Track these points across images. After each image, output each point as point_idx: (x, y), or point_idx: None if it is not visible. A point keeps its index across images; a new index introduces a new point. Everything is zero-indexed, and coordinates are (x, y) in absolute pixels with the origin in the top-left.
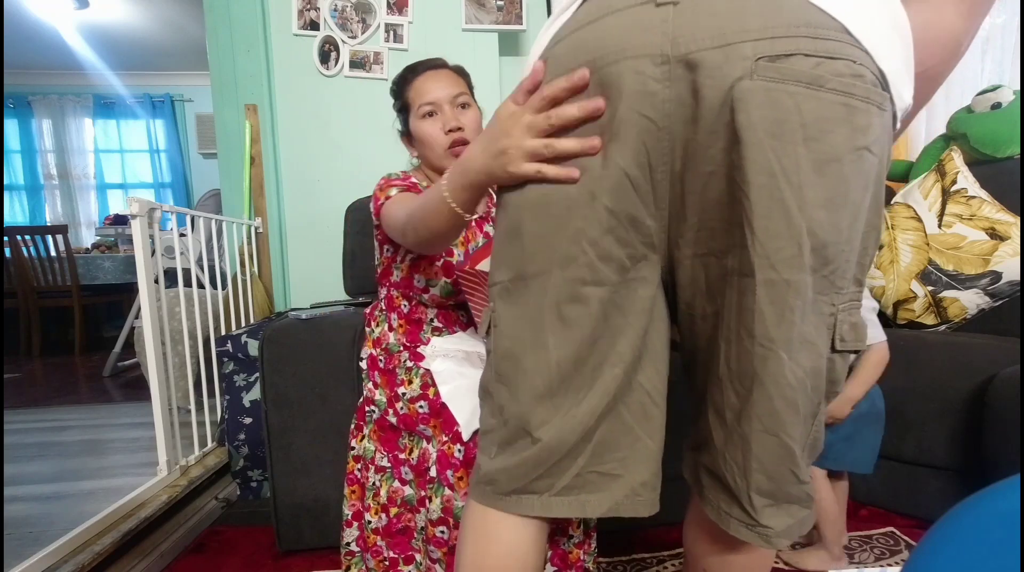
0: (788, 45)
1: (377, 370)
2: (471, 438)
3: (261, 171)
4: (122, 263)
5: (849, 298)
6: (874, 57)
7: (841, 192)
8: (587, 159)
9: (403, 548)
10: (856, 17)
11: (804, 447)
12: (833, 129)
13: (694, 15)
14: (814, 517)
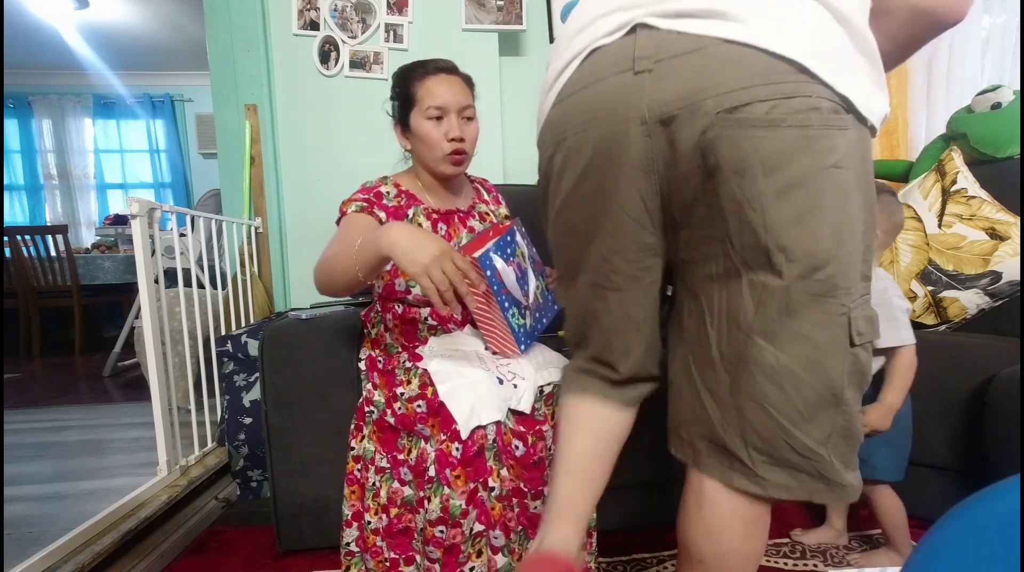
0: (743, 96)
1: (376, 371)
2: (469, 436)
3: (261, 171)
4: (122, 263)
5: (860, 294)
6: (834, 86)
7: (813, 208)
8: (597, 202)
9: (404, 549)
10: (813, 55)
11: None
12: (794, 158)
13: (665, 80)
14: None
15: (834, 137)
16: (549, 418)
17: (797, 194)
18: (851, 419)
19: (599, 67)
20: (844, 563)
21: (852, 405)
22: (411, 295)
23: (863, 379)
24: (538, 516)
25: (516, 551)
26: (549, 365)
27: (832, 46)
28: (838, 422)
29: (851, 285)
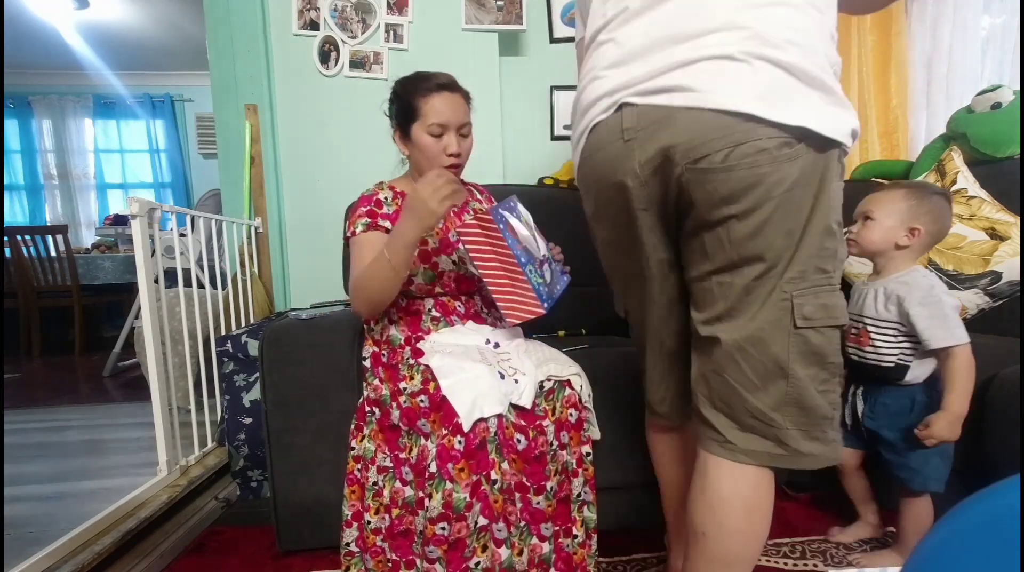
0: (703, 149)
1: (380, 365)
2: (471, 429)
3: (261, 171)
4: (122, 263)
5: (811, 285)
6: (784, 122)
7: (766, 225)
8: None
9: (405, 551)
10: (759, 100)
11: (769, 395)
12: (747, 192)
13: (647, 143)
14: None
15: (783, 169)
16: (549, 413)
17: (753, 217)
18: (803, 392)
19: (601, 137)
20: (844, 563)
21: (805, 380)
22: (413, 285)
23: (819, 359)
24: (540, 511)
25: (517, 545)
26: (549, 361)
27: (778, 89)
28: (789, 393)
29: (798, 277)
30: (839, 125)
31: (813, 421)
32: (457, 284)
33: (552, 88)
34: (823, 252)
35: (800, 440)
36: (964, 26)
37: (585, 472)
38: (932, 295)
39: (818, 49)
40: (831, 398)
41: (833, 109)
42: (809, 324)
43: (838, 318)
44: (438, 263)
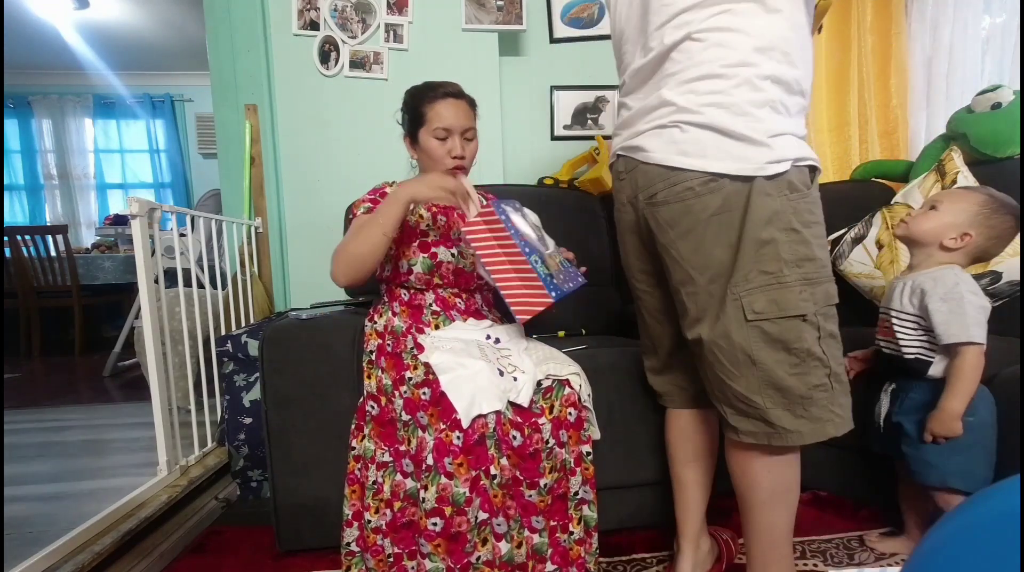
0: (651, 190)
1: (384, 355)
2: (470, 425)
3: (261, 171)
4: (122, 263)
5: (757, 285)
6: (703, 169)
7: (702, 242)
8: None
9: (407, 543)
10: (683, 155)
11: (746, 379)
12: (681, 219)
13: (628, 183)
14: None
15: (705, 200)
16: (546, 411)
17: (691, 237)
18: (773, 375)
19: (613, 173)
20: (844, 563)
21: (771, 365)
22: (412, 275)
23: (783, 345)
24: (532, 504)
25: (515, 538)
26: (549, 360)
27: (696, 144)
28: (761, 377)
29: (742, 280)
30: (746, 164)
31: (792, 401)
32: (455, 277)
33: (552, 88)
34: (761, 257)
35: (786, 419)
36: (964, 26)
37: (584, 471)
38: (955, 291)
39: (737, 104)
40: (807, 380)
41: (745, 151)
42: (760, 317)
43: (788, 310)
44: (437, 254)
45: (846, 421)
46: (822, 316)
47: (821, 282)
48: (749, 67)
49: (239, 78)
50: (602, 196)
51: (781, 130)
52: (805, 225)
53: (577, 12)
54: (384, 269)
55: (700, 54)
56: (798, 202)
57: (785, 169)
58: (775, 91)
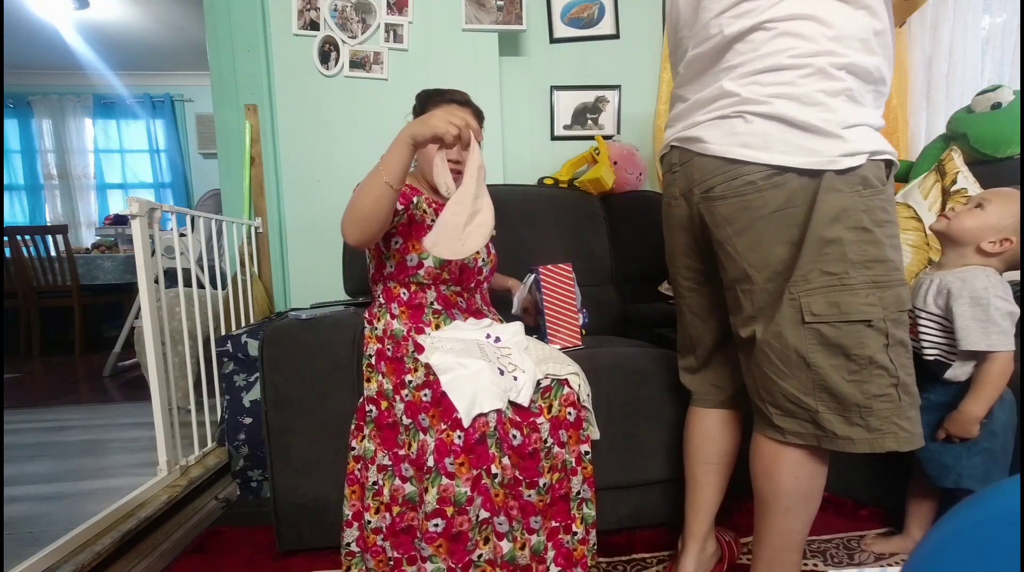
0: (709, 184)
1: (384, 360)
2: (471, 424)
3: (261, 171)
4: (122, 263)
5: (817, 286)
6: (767, 162)
7: (762, 239)
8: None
9: (407, 548)
10: (745, 147)
11: (798, 380)
12: (740, 215)
13: (682, 176)
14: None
15: (768, 195)
16: (545, 411)
17: (749, 233)
18: (828, 380)
19: (664, 166)
20: (844, 563)
21: (828, 369)
22: (423, 269)
23: (842, 351)
24: (531, 504)
25: (518, 539)
26: (548, 360)
27: (761, 136)
28: (815, 380)
29: (801, 280)
30: (816, 158)
31: (847, 407)
32: (461, 273)
33: (552, 88)
34: (824, 257)
35: (837, 424)
36: (964, 26)
37: (584, 470)
38: (983, 295)
39: (807, 94)
40: (865, 389)
41: (815, 144)
42: (819, 320)
43: (850, 314)
44: None
45: (914, 437)
46: (891, 322)
47: (892, 286)
48: (823, 56)
49: (239, 78)
50: (602, 196)
51: (857, 121)
52: (877, 224)
53: (577, 12)
54: (387, 266)
55: (767, 44)
56: (871, 199)
57: (860, 163)
58: (851, 80)
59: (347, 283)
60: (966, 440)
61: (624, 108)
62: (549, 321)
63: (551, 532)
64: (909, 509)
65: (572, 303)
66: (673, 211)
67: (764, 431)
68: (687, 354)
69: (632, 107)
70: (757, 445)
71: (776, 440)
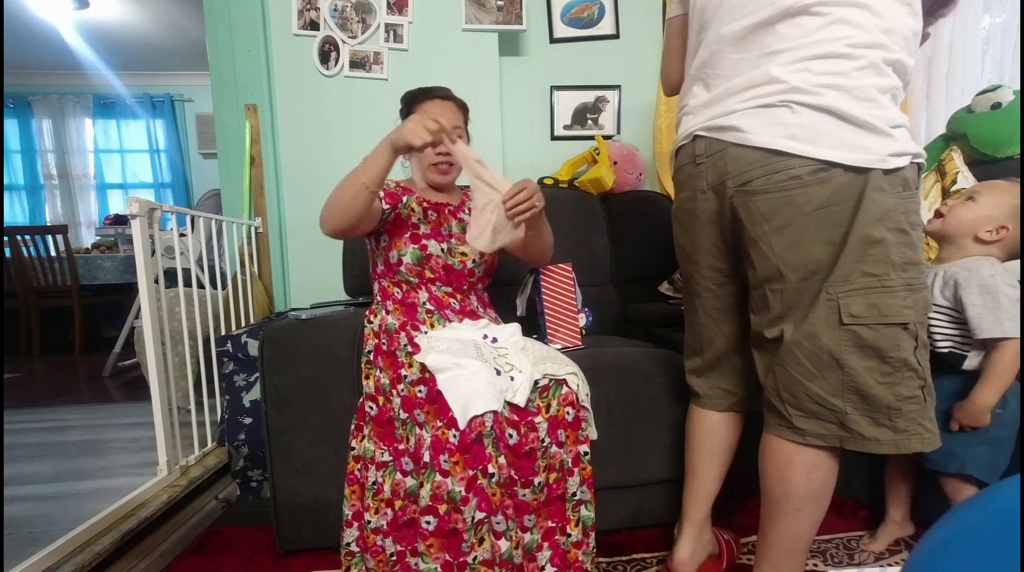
0: (746, 177)
1: (380, 354)
2: (467, 425)
3: (261, 171)
4: (122, 263)
5: (858, 287)
6: (814, 156)
7: (801, 238)
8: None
9: (409, 540)
10: (791, 139)
11: (827, 381)
12: (780, 210)
13: (710, 168)
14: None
15: (812, 191)
16: (543, 410)
17: (788, 231)
18: (860, 382)
19: (683, 158)
20: (844, 563)
21: (861, 371)
22: (403, 266)
23: (876, 353)
24: (525, 503)
25: (514, 538)
26: (546, 360)
27: (810, 128)
28: (846, 382)
29: (841, 280)
30: (866, 155)
31: (877, 409)
32: (447, 273)
33: (552, 88)
34: (867, 258)
35: (864, 425)
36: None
37: (582, 471)
38: (991, 283)
39: (861, 88)
40: (897, 391)
41: (865, 141)
42: (857, 321)
43: (889, 317)
44: (427, 246)
45: (935, 437)
46: (920, 325)
47: (921, 289)
48: (877, 49)
49: (239, 78)
50: (602, 196)
51: (901, 121)
52: (913, 226)
53: (577, 12)
54: (377, 265)
55: (821, 31)
56: (909, 201)
57: (905, 163)
58: (896, 79)
59: (347, 283)
60: (976, 429)
61: (624, 108)
62: (549, 321)
63: (547, 532)
64: (889, 495)
65: (572, 303)
66: (700, 205)
67: (779, 432)
68: (694, 356)
69: (632, 107)
70: (770, 446)
71: (794, 441)
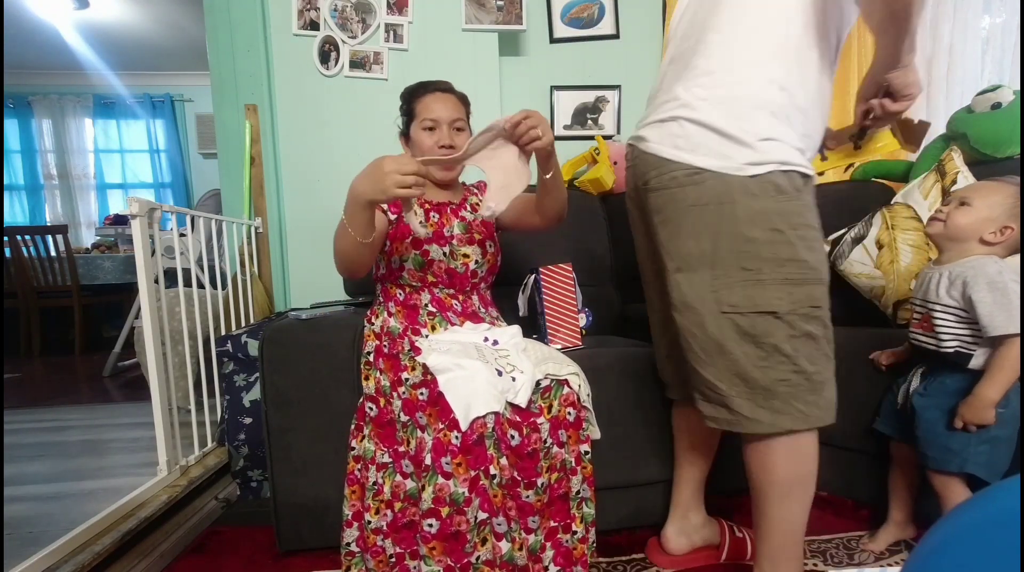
0: (646, 177)
1: (382, 357)
2: (469, 426)
3: (261, 171)
4: (122, 263)
5: (736, 280)
6: (690, 163)
7: (679, 231)
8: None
9: (409, 543)
10: (674, 148)
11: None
12: (665, 206)
13: (631, 173)
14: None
15: (688, 190)
16: (545, 411)
17: (669, 224)
18: (740, 367)
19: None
20: (844, 563)
21: (740, 357)
22: (405, 271)
23: (752, 340)
24: (529, 505)
25: (516, 540)
26: (548, 360)
27: (689, 139)
28: (729, 367)
29: (721, 274)
30: (727, 162)
31: (755, 391)
32: (449, 277)
33: (552, 88)
34: (742, 254)
35: (746, 407)
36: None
37: (584, 470)
38: (999, 280)
39: (736, 101)
40: (770, 374)
41: (728, 150)
42: (735, 310)
43: (760, 306)
44: (429, 251)
45: (809, 418)
46: (800, 316)
47: (804, 283)
48: (759, 67)
49: (239, 78)
50: (602, 196)
51: (774, 135)
52: (792, 227)
53: (577, 12)
54: (379, 267)
55: (716, 49)
56: (785, 204)
57: (766, 171)
58: (780, 96)
59: (347, 283)
60: (981, 427)
61: (624, 108)
62: (549, 321)
63: (549, 532)
64: (892, 496)
65: (572, 303)
66: (630, 205)
67: (699, 405)
68: (656, 346)
69: (632, 107)
70: (743, 439)
71: (766, 432)
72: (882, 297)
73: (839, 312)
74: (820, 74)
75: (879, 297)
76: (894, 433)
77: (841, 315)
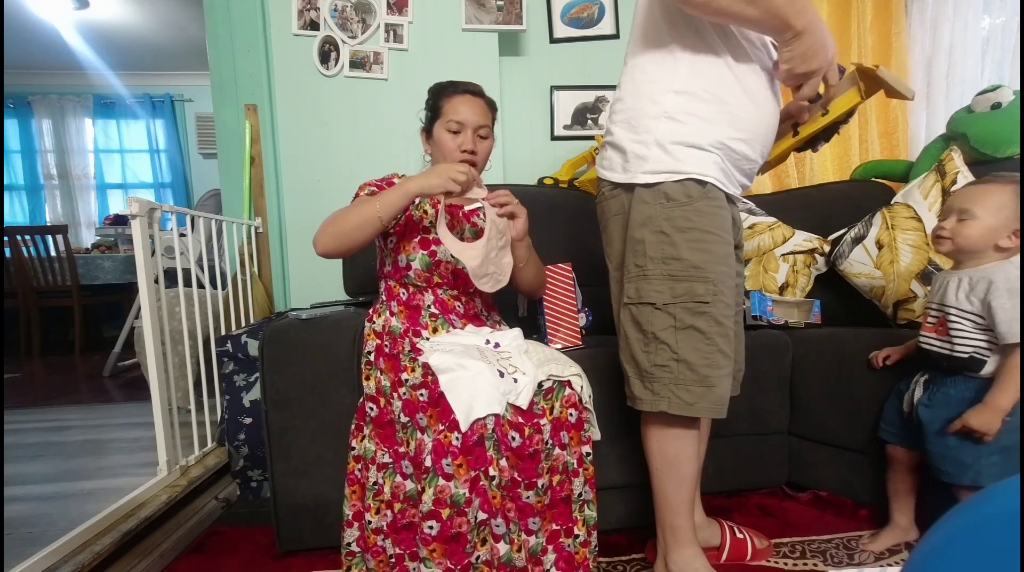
0: (597, 193)
1: (382, 356)
2: (470, 427)
3: (261, 171)
4: (122, 263)
5: (632, 276)
6: (609, 179)
7: (609, 237)
8: None
9: (408, 544)
10: (599, 167)
11: (623, 352)
12: (600, 218)
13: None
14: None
15: (610, 203)
16: (547, 412)
17: (604, 233)
18: (634, 351)
19: None
20: (844, 563)
21: (632, 341)
22: (411, 271)
23: (638, 326)
24: (530, 506)
25: (515, 541)
26: (550, 361)
27: (605, 160)
28: (627, 349)
29: (626, 272)
30: (627, 175)
31: (642, 373)
32: (454, 278)
33: (552, 88)
34: (635, 253)
35: (637, 387)
36: (964, 26)
37: (585, 472)
38: (1019, 287)
39: (636, 119)
40: (651, 358)
41: (629, 165)
42: (629, 301)
43: (644, 298)
44: (436, 252)
45: (684, 405)
46: (682, 309)
47: (685, 280)
48: (651, 80)
49: (239, 78)
50: None
51: (678, 139)
52: (678, 230)
53: (577, 12)
54: (384, 265)
55: (625, 76)
56: (672, 210)
57: (658, 181)
58: (677, 100)
59: (347, 283)
60: (984, 435)
61: None
62: (549, 321)
63: (551, 535)
64: (893, 501)
65: (572, 303)
66: None
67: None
68: None
69: None
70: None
71: (647, 410)
72: (882, 297)
73: (839, 312)
74: (724, 62)
75: (879, 297)
76: (900, 441)
77: (841, 315)
